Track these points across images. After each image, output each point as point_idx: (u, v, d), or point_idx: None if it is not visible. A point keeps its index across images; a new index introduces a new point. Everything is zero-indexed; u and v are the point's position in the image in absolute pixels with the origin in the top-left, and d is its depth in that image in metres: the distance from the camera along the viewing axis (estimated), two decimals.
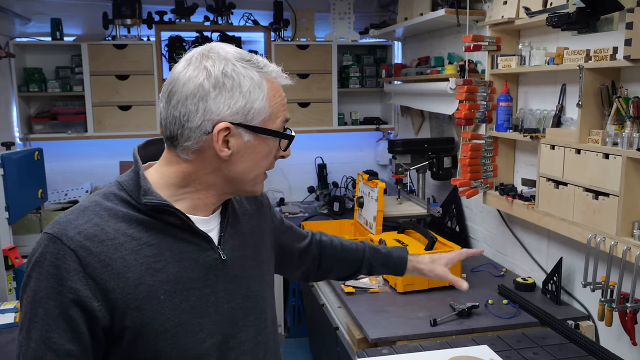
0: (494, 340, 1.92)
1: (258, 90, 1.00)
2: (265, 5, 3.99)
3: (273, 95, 1.03)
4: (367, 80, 4.16)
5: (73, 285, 0.92)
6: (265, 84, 1.02)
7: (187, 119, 0.99)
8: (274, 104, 1.03)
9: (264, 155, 1.05)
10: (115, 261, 0.95)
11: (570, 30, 1.88)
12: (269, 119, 1.03)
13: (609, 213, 1.79)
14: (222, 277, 1.07)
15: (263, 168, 1.07)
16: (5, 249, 2.43)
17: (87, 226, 0.96)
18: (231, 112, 0.98)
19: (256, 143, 1.03)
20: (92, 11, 3.75)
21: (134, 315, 0.96)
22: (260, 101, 1.00)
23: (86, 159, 4.00)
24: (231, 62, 1.00)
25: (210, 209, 1.09)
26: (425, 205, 3.20)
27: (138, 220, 1.00)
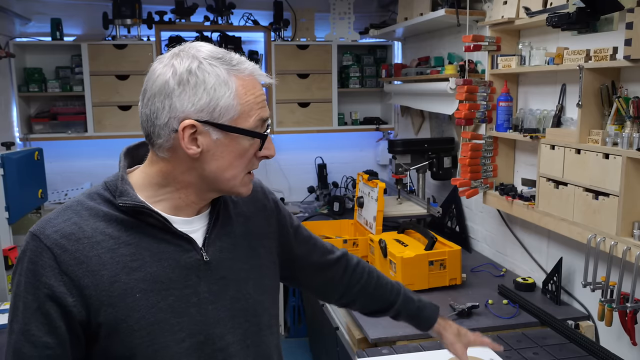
0: (494, 340, 1.92)
1: (224, 87, 0.98)
2: (265, 5, 3.99)
3: (244, 92, 1.00)
4: (367, 80, 4.16)
5: (48, 281, 0.95)
6: (235, 80, 0.99)
7: (156, 116, 1.00)
8: (245, 102, 1.00)
9: (238, 154, 1.02)
10: (90, 259, 0.97)
11: (570, 30, 1.89)
12: (240, 117, 1.00)
13: (609, 213, 1.79)
14: (206, 279, 1.06)
15: (240, 167, 1.04)
16: (5, 249, 2.43)
17: (65, 225, 0.98)
18: (195, 109, 0.98)
19: (227, 142, 1.01)
20: (92, 11, 3.75)
21: (108, 312, 0.97)
22: (226, 98, 0.98)
23: (86, 159, 4.00)
24: (198, 60, 0.99)
25: (194, 209, 1.08)
26: (425, 205, 3.20)
27: (118, 220, 1.01)
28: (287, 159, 4.19)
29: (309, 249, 1.34)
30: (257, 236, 1.19)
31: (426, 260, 2.32)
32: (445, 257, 2.35)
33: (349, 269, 1.40)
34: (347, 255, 1.42)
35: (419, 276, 2.31)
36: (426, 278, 2.32)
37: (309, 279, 1.38)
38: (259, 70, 1.05)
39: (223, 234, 1.12)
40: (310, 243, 1.35)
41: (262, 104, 1.04)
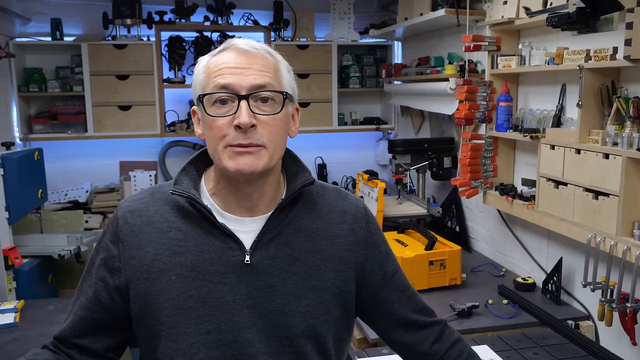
0: (494, 340, 1.92)
1: (197, 70, 1.09)
2: (265, 5, 3.99)
3: (209, 65, 1.06)
4: (367, 80, 4.16)
5: (107, 242, 1.11)
6: (206, 60, 1.08)
7: None
8: (208, 73, 1.06)
9: (209, 125, 1.05)
10: (142, 234, 1.09)
11: (570, 30, 1.89)
12: (204, 89, 1.06)
13: (609, 213, 1.79)
14: (248, 282, 1.06)
15: (214, 139, 1.04)
16: (5, 249, 2.43)
17: (137, 202, 1.13)
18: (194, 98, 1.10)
19: (202, 115, 1.08)
20: (92, 11, 3.75)
21: (145, 285, 1.06)
22: (197, 77, 1.08)
23: (86, 159, 4.00)
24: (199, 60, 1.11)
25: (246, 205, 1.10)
26: (425, 205, 3.20)
27: (180, 207, 1.10)
28: None
29: (399, 297, 1.21)
30: (330, 259, 1.12)
31: (426, 260, 2.32)
32: (445, 257, 2.35)
33: (443, 342, 1.22)
34: (445, 325, 1.25)
35: (419, 276, 2.31)
36: (426, 278, 2.32)
37: (390, 330, 1.24)
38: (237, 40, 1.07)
39: (282, 243, 1.09)
40: (404, 293, 1.22)
41: (224, 71, 1.03)
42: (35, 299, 2.47)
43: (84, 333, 1.11)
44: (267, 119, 1.04)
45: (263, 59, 1.06)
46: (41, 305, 2.35)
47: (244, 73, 1.03)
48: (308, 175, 1.15)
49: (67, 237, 2.88)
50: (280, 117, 1.06)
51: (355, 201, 1.21)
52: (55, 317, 2.22)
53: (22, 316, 2.20)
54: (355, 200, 1.21)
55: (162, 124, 3.78)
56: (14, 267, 2.48)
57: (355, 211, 1.19)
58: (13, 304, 2.26)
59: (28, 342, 2.01)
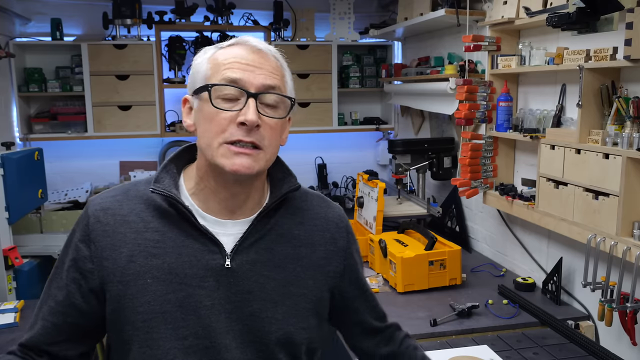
0: (494, 340, 1.92)
1: (200, 58, 1.06)
2: (265, 5, 3.99)
3: (216, 57, 1.04)
4: (367, 80, 4.16)
5: (78, 243, 1.05)
6: (212, 50, 1.06)
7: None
8: (214, 65, 1.03)
9: (208, 118, 1.01)
10: (116, 234, 1.03)
11: (570, 30, 1.89)
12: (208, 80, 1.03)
13: (609, 213, 1.79)
14: (227, 287, 1.04)
15: (211, 133, 1.00)
16: (5, 249, 2.43)
17: (109, 199, 1.07)
18: (188, 87, 1.07)
19: (200, 106, 1.04)
20: (92, 11, 3.75)
21: (119, 288, 1.02)
22: (199, 65, 1.05)
23: (86, 159, 4.00)
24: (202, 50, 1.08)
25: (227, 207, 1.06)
26: (425, 205, 3.20)
27: (156, 207, 1.05)
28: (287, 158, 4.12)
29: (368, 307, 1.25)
30: (309, 266, 1.12)
31: (426, 260, 2.32)
32: (445, 257, 2.35)
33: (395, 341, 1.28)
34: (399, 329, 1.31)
35: (419, 276, 2.31)
36: (426, 278, 2.32)
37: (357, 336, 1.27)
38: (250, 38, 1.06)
39: (263, 248, 1.08)
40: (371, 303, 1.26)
41: (235, 65, 1.01)
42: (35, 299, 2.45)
43: (56, 339, 1.05)
44: (271, 121, 1.03)
45: (274, 61, 1.06)
46: None
47: (255, 71, 1.02)
48: (294, 181, 1.15)
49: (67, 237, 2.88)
50: (282, 122, 1.07)
51: (337, 210, 1.21)
52: None
53: (22, 316, 2.19)
54: (337, 209, 1.22)
55: (162, 124, 3.78)
56: (14, 267, 2.48)
57: (338, 220, 1.19)
58: (13, 304, 2.25)
59: None
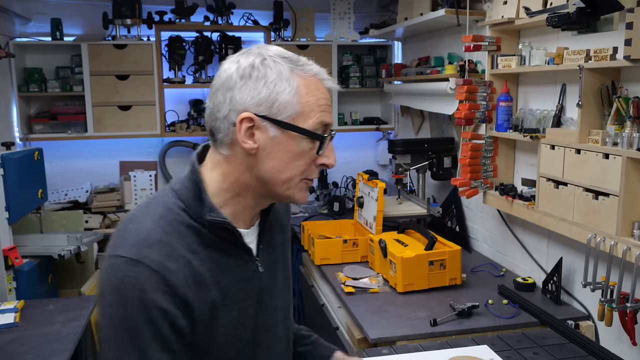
0: (494, 340, 1.92)
1: (285, 83, 0.97)
2: (265, 5, 3.99)
3: (306, 92, 0.99)
4: (367, 80, 4.16)
5: (161, 305, 0.92)
6: (297, 79, 0.98)
7: (218, 109, 1.00)
8: (306, 102, 0.99)
9: (295, 155, 1.00)
10: (189, 278, 0.96)
11: (570, 30, 1.89)
12: (299, 117, 0.98)
13: (609, 213, 1.79)
14: (260, 289, 1.09)
15: (296, 170, 1.01)
16: (5, 249, 2.43)
17: (161, 245, 0.95)
18: (254, 102, 0.97)
19: (284, 140, 0.99)
20: (92, 11, 3.75)
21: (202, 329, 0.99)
22: (286, 94, 0.97)
23: (86, 159, 4.00)
24: (262, 57, 0.99)
25: (249, 217, 1.08)
26: (425, 205, 3.20)
27: (198, 234, 1.00)
28: None
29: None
30: (287, 247, 1.24)
31: (426, 260, 2.32)
32: (445, 257, 2.35)
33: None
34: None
35: (419, 276, 2.31)
36: (426, 278, 2.32)
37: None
38: (324, 73, 1.03)
39: (268, 245, 1.14)
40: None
41: (325, 107, 1.01)
42: (35, 299, 2.47)
43: None
44: None
45: None
46: (41, 305, 2.35)
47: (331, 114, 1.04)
48: None
49: (67, 237, 2.88)
50: None
51: None
52: (55, 317, 2.22)
53: (22, 316, 2.20)
54: None
55: (162, 124, 3.78)
56: (14, 267, 2.48)
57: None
58: (13, 304, 2.26)
59: (28, 342, 2.01)
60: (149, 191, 3.93)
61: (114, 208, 3.80)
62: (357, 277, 2.49)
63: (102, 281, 0.95)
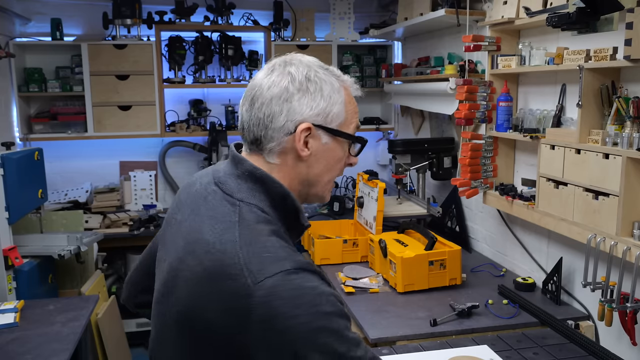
0: (494, 340, 1.92)
1: (337, 95, 1.08)
2: (265, 5, 3.99)
3: (349, 101, 1.11)
4: (367, 80, 4.16)
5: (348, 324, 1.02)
6: (343, 90, 1.10)
7: (272, 119, 1.04)
8: (349, 110, 1.10)
9: (338, 158, 1.11)
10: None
11: (570, 30, 1.89)
12: (344, 124, 1.09)
13: (609, 213, 1.79)
14: None
15: (336, 172, 1.12)
16: (5, 249, 2.43)
17: (300, 258, 0.97)
18: (313, 113, 1.05)
19: (333, 146, 1.09)
20: (92, 11, 3.75)
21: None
22: (339, 105, 1.08)
23: (86, 159, 4.00)
24: (313, 69, 1.07)
25: None
26: (425, 205, 3.20)
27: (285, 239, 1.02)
28: None
29: None
30: None
31: (426, 260, 2.32)
32: (445, 257, 2.35)
33: None
34: None
35: (419, 276, 2.31)
36: (426, 278, 2.32)
37: None
38: (354, 83, 1.16)
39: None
40: None
41: (358, 113, 1.15)
42: (35, 299, 2.47)
43: None
44: None
45: None
46: (41, 305, 2.35)
47: None
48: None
49: (67, 237, 2.88)
50: None
51: None
52: (55, 317, 2.22)
53: (22, 316, 2.20)
54: None
55: (162, 124, 3.78)
56: (14, 267, 2.48)
57: None
58: (13, 304, 2.26)
59: (28, 342, 2.01)
60: (148, 191, 3.93)
61: (114, 208, 3.80)
62: (357, 277, 2.49)
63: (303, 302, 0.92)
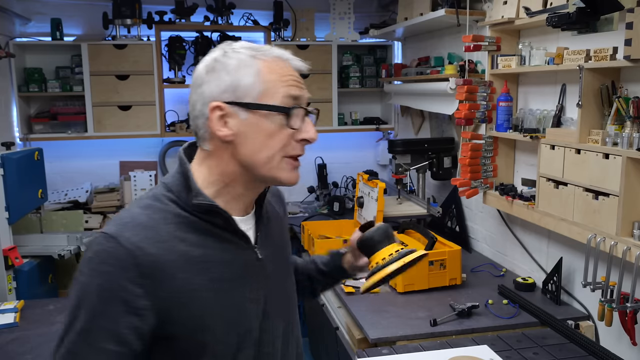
0: (494, 340, 1.92)
1: (245, 68, 1.02)
2: (265, 5, 3.99)
3: (268, 71, 1.02)
4: (367, 80, 4.16)
5: (124, 284, 0.94)
6: (257, 62, 1.02)
7: (193, 108, 1.04)
8: (269, 80, 1.02)
9: (270, 133, 1.02)
10: (166, 263, 0.97)
11: (570, 30, 1.89)
12: (265, 95, 1.01)
13: (609, 213, 1.79)
14: (260, 276, 1.10)
15: (273, 149, 1.03)
16: (5, 249, 2.43)
17: (141, 228, 0.99)
18: (219, 90, 1.01)
19: (255, 120, 1.02)
20: (92, 11, 3.75)
21: (183, 314, 0.99)
22: (248, 77, 1.01)
23: (86, 159, 4.00)
24: (224, 50, 1.04)
25: (242, 206, 1.10)
26: (425, 205, 3.20)
27: (186, 222, 1.02)
28: None
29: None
30: (286, 236, 1.27)
31: (426, 260, 2.32)
32: (445, 257, 2.35)
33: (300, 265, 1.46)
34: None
35: (419, 276, 2.31)
36: (426, 278, 2.32)
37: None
38: (288, 54, 1.06)
39: (267, 233, 1.16)
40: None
41: (291, 82, 1.04)
42: (35, 299, 2.47)
43: None
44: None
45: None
46: (41, 305, 2.35)
47: (304, 88, 1.07)
48: None
49: (67, 237, 2.88)
50: None
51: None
52: (55, 317, 2.22)
53: (22, 316, 2.20)
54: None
55: (162, 124, 3.78)
56: (14, 267, 2.48)
57: (278, 192, 1.31)
58: (13, 304, 2.26)
59: (28, 342, 2.01)
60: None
61: (114, 208, 3.80)
62: (357, 277, 2.49)
63: (85, 252, 1.01)
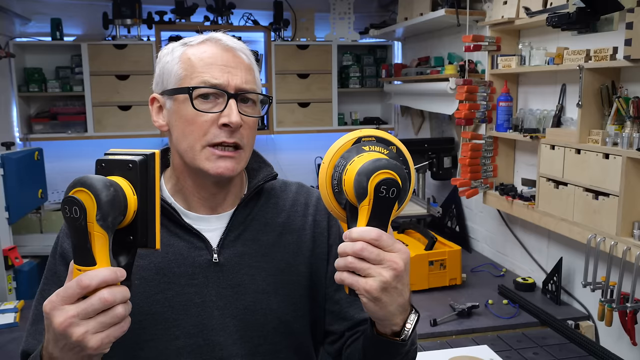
0: (494, 340, 1.92)
1: (170, 56, 1.03)
2: (265, 5, 3.99)
3: (189, 57, 1.00)
4: (367, 80, 4.16)
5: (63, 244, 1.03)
6: (182, 49, 1.02)
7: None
8: (189, 65, 0.99)
9: (188, 120, 0.99)
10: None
11: (570, 30, 1.88)
12: (184, 81, 0.99)
13: (609, 213, 1.79)
14: (216, 281, 1.03)
15: (193, 136, 0.99)
16: (5, 249, 2.43)
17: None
18: (155, 83, 1.05)
19: (176, 107, 1.01)
20: (92, 11, 3.75)
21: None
22: (170, 64, 1.02)
23: (86, 159, 3.97)
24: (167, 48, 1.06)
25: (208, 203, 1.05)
26: (425, 205, 3.20)
27: None
28: (287, 158, 4.19)
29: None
30: (298, 252, 1.11)
31: (426, 260, 2.32)
32: (445, 257, 2.35)
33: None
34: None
35: (419, 276, 2.31)
36: (426, 278, 2.32)
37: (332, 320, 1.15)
38: (220, 34, 1.03)
39: (249, 239, 1.07)
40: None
41: (212, 67, 0.99)
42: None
43: None
44: (250, 120, 1.02)
45: (246, 59, 1.04)
46: None
47: (232, 72, 1.00)
48: (271, 169, 1.14)
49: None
50: (257, 120, 1.05)
51: (316, 193, 1.18)
52: None
53: (22, 316, 2.20)
54: (316, 193, 1.18)
55: None
56: (14, 267, 2.48)
57: (317, 202, 1.15)
58: (13, 304, 2.26)
59: None
60: None
61: None
62: None
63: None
